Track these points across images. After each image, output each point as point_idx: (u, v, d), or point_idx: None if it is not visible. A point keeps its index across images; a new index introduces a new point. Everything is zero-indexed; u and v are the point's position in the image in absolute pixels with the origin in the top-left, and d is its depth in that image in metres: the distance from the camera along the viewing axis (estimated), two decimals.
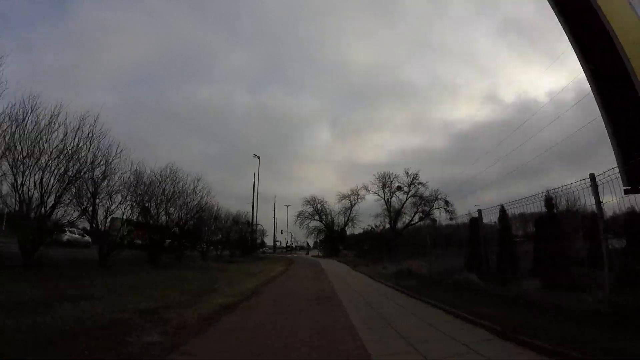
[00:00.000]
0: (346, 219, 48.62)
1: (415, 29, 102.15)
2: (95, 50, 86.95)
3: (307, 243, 77.44)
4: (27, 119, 10.03)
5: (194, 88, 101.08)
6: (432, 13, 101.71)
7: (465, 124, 78.95)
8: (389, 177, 48.53)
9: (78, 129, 10.96)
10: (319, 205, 50.46)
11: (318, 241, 66.75)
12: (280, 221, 73.15)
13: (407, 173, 48.27)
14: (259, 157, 48.19)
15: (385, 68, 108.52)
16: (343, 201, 48.34)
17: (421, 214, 48.31)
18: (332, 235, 49.05)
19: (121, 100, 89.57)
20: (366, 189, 48.09)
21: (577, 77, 9.21)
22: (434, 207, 48.28)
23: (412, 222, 47.95)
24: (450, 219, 52.25)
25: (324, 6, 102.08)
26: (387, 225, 48.90)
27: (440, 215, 47.36)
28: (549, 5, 7.36)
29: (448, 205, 47.22)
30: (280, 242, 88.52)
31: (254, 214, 46.32)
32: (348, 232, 50.06)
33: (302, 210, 50.88)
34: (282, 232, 79.63)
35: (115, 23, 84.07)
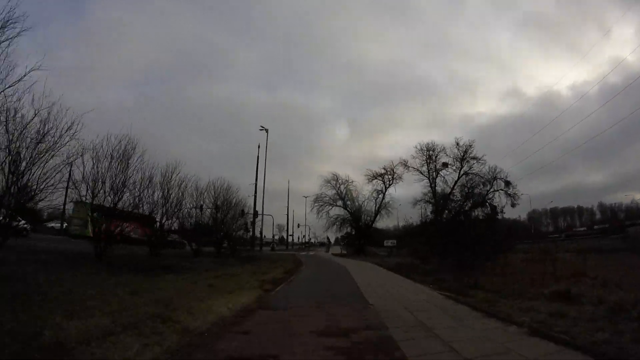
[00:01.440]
0: (377, 206, 37.22)
1: (432, 26, 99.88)
2: (111, 50, 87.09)
3: (327, 238, 66.60)
4: None
5: (209, 87, 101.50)
6: (449, 9, 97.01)
7: (484, 118, 71.89)
8: (434, 150, 36.79)
9: None
10: (342, 187, 39.02)
11: (339, 237, 55.64)
12: (298, 217, 64.23)
13: (458, 144, 36.40)
14: (267, 130, 38.33)
15: (402, 65, 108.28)
16: (374, 181, 37.03)
17: (476, 199, 36.37)
18: (360, 228, 37.69)
19: (136, 99, 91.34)
20: (405, 164, 36.55)
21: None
22: (492, 189, 36.40)
23: (463, 210, 36.13)
24: (513, 205, 39.47)
25: (340, 4, 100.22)
26: (430, 215, 37.51)
27: (499, 200, 35.37)
28: None
29: (509, 187, 35.22)
30: (299, 238, 79.07)
31: (256, 200, 36.23)
32: (379, 225, 38.69)
33: (321, 194, 39.18)
34: (298, 225, 69.52)
35: (130, 23, 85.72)
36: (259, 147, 37.62)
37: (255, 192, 36.79)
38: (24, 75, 8.03)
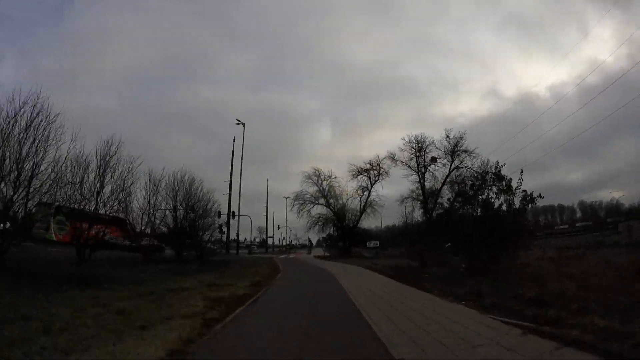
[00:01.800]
0: (363, 204, 34.34)
1: (415, 26, 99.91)
2: (94, 53, 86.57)
3: (309, 239, 63.39)
4: None
5: (194, 89, 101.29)
6: (432, 9, 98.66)
7: (466, 119, 73.10)
8: (423, 142, 34.35)
9: None
10: (324, 184, 35.75)
11: (321, 239, 52.45)
12: (280, 219, 60.90)
13: (448, 137, 34.21)
14: (243, 124, 34.93)
15: (385, 65, 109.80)
16: (359, 177, 34.15)
17: (466, 196, 34.24)
18: (344, 227, 34.64)
19: (120, 102, 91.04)
20: (392, 158, 33.91)
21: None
22: (486, 185, 34.59)
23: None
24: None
25: (323, 4, 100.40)
26: (420, 211, 34.99)
27: (492, 196, 33.42)
28: None
29: (502, 183, 33.35)
30: (280, 240, 75.07)
31: (231, 199, 32.64)
32: (363, 224, 35.77)
33: (301, 191, 36.00)
34: (279, 227, 66.04)
35: (114, 25, 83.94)
36: (234, 140, 34.12)
37: (230, 189, 33.24)
38: None
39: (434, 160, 35.89)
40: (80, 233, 11.90)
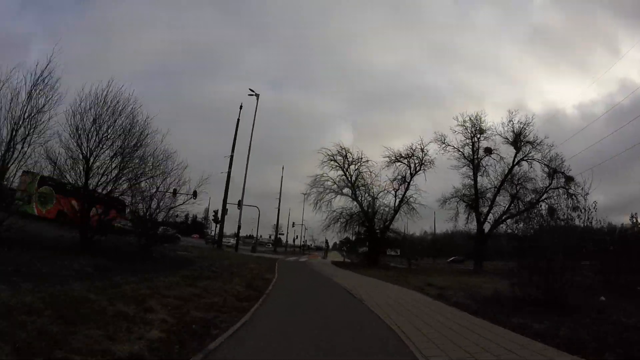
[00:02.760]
0: (399, 199, 25.68)
1: (441, 35, 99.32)
2: (120, 42, 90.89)
3: (326, 241, 55.86)
4: None
5: (215, 84, 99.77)
6: (458, 19, 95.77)
7: (490, 132, 68.24)
8: (479, 120, 26.62)
9: None
10: (352, 169, 25.84)
11: (339, 242, 44.67)
12: (296, 218, 54.85)
13: (511, 122, 26.58)
14: (257, 95, 28.64)
15: (409, 73, 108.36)
16: (397, 166, 25.86)
17: (528, 201, 26.06)
18: (373, 229, 25.76)
19: (142, 92, 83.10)
20: (442, 141, 26.28)
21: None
22: (550, 187, 26.64)
23: (506, 216, 26.01)
24: (575, 208, 29.11)
25: (349, 10, 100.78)
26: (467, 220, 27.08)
27: (559, 202, 25.27)
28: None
29: (570, 185, 25.27)
30: (294, 239, 67.14)
31: (230, 179, 25.89)
32: (397, 225, 27.65)
33: (321, 175, 26.01)
34: (293, 224, 59.30)
35: (140, 16, 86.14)
36: (240, 107, 27.28)
37: (230, 167, 26.15)
38: None
39: (488, 152, 28.01)
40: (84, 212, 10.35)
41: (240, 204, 30.95)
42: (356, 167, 25.47)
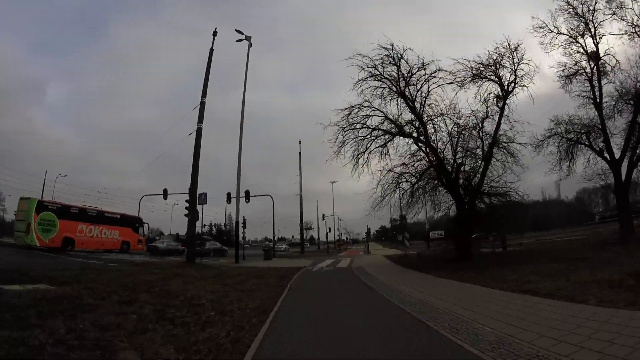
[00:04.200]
0: (486, 141, 14.72)
1: (447, 16, 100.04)
2: (135, 69, 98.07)
3: (368, 229, 47.40)
4: None
5: (234, 95, 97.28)
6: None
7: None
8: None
9: None
10: (411, 90, 14.60)
11: (373, 232, 41.29)
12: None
13: None
14: (249, 38, 21.99)
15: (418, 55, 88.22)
16: (481, 84, 14.73)
17: None
18: (453, 181, 14.42)
19: (163, 113, 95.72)
20: (552, 31, 15.79)
21: None
22: None
23: None
24: None
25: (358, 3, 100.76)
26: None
27: None
28: None
29: None
30: (327, 233, 57.21)
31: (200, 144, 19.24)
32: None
33: (358, 107, 14.77)
34: (323, 217, 52.23)
35: (151, 41, 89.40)
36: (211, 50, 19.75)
37: (202, 109, 18.90)
38: None
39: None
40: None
41: (247, 195, 24.68)
42: (419, 84, 14.41)
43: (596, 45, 15.51)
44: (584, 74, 15.91)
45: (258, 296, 7.87)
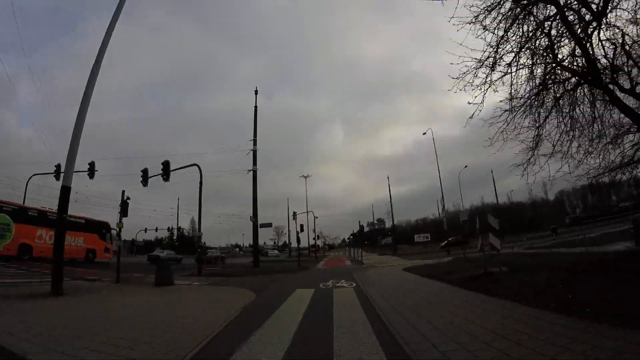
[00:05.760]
0: None
1: (421, 21, 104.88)
2: (106, 70, 77.09)
3: (361, 227, 47.08)
4: None
5: (206, 99, 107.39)
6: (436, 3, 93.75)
7: (481, 109, 71.88)
8: None
9: None
10: None
11: (347, 238, 39.06)
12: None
13: None
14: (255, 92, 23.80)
15: (395, 61, 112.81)
16: None
17: None
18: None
19: (134, 116, 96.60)
20: None
21: None
22: None
23: None
24: None
25: (328, 5, 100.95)
26: None
27: None
28: None
29: None
30: (297, 234, 56.37)
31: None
32: None
33: None
34: (301, 228, 51.17)
35: (123, 42, 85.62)
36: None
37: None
38: None
39: None
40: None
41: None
42: None
43: None
44: None
45: None
